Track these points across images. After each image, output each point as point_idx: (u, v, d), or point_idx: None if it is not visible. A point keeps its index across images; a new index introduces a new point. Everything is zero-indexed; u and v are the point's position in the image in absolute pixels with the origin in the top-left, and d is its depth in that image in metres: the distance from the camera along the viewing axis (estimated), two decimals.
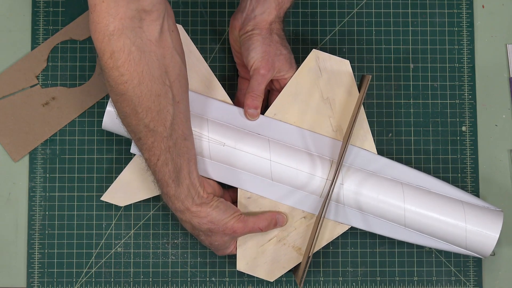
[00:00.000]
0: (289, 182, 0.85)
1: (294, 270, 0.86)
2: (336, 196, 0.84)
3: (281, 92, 0.86)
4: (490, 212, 0.84)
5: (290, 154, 0.85)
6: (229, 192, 0.87)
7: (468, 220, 0.83)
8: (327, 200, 0.81)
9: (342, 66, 0.86)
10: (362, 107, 0.85)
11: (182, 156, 0.77)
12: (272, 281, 0.86)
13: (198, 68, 0.86)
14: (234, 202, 0.85)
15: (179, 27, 0.84)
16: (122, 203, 0.86)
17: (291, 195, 0.85)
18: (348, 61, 0.85)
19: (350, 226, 0.85)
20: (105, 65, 0.68)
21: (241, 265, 0.85)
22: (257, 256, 0.86)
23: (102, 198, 0.86)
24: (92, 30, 0.68)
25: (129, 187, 0.86)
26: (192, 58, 0.85)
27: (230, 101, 0.86)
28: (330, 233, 0.85)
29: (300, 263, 0.85)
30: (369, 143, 0.86)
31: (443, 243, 0.84)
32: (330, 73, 0.86)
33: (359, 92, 0.85)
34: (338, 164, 0.82)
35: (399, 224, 0.84)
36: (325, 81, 0.86)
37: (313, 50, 0.86)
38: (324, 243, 0.85)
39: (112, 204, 0.91)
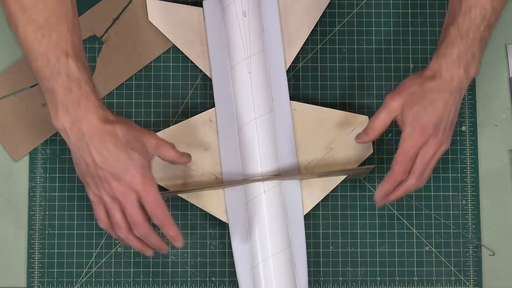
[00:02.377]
0: (243, 145, 0.87)
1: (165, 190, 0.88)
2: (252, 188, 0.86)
3: (320, 108, 0.89)
4: None
5: (268, 135, 0.87)
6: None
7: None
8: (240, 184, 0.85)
9: (365, 148, 0.89)
10: (340, 179, 0.88)
11: (85, 60, 0.75)
12: None
13: None
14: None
15: None
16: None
17: (232, 153, 0.87)
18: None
19: (225, 221, 0.88)
20: None
21: None
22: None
23: None
24: None
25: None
26: None
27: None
28: (202, 200, 0.88)
29: (170, 192, 0.87)
30: (310, 202, 0.88)
31: None
32: (354, 142, 0.87)
33: (353, 170, 0.89)
34: (277, 176, 0.85)
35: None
36: (344, 140, 0.88)
37: (367, 117, 0.89)
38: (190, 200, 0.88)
39: None
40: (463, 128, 0.94)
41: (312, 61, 0.94)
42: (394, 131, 0.93)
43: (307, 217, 0.89)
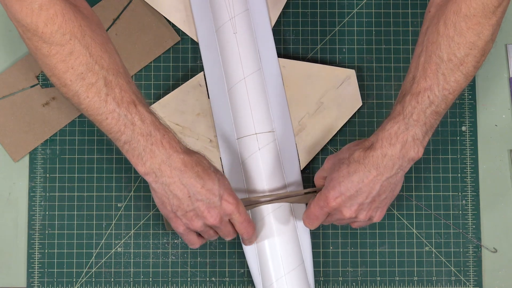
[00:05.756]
0: (235, 106, 0.87)
1: None
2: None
3: (308, 63, 0.90)
4: None
5: (258, 93, 0.87)
6: None
7: None
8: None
9: (354, 102, 0.91)
10: None
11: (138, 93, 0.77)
12: None
13: None
14: None
15: None
16: None
17: (224, 115, 0.88)
18: (360, 103, 0.91)
19: None
20: None
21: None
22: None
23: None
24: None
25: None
26: None
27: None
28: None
29: None
30: (306, 157, 0.90)
31: None
32: (343, 94, 0.90)
33: None
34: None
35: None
36: (334, 94, 0.90)
37: (353, 70, 0.90)
38: None
39: (112, 204, 0.91)
40: (463, 128, 0.94)
41: (312, 61, 0.94)
42: None
43: None
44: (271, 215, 0.85)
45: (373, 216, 0.79)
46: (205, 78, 0.90)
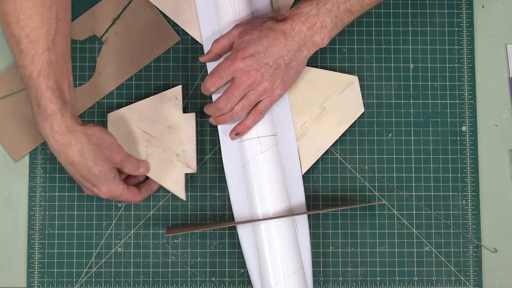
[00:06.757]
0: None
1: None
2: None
3: (312, 68, 0.91)
4: None
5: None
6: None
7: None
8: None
9: (356, 108, 0.91)
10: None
11: (63, 76, 0.78)
12: None
13: None
14: None
15: None
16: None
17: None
18: (363, 110, 0.92)
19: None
20: None
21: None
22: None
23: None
24: None
25: None
26: None
27: None
28: (162, 176, 0.89)
29: (178, 231, 0.88)
30: (307, 161, 0.91)
31: None
32: (346, 100, 0.90)
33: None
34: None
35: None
36: (336, 99, 0.91)
37: (356, 77, 0.91)
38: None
39: (112, 204, 0.91)
40: (463, 128, 0.94)
41: (312, 61, 0.94)
42: (394, 131, 0.93)
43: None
44: (271, 219, 0.85)
45: (274, 88, 0.83)
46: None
